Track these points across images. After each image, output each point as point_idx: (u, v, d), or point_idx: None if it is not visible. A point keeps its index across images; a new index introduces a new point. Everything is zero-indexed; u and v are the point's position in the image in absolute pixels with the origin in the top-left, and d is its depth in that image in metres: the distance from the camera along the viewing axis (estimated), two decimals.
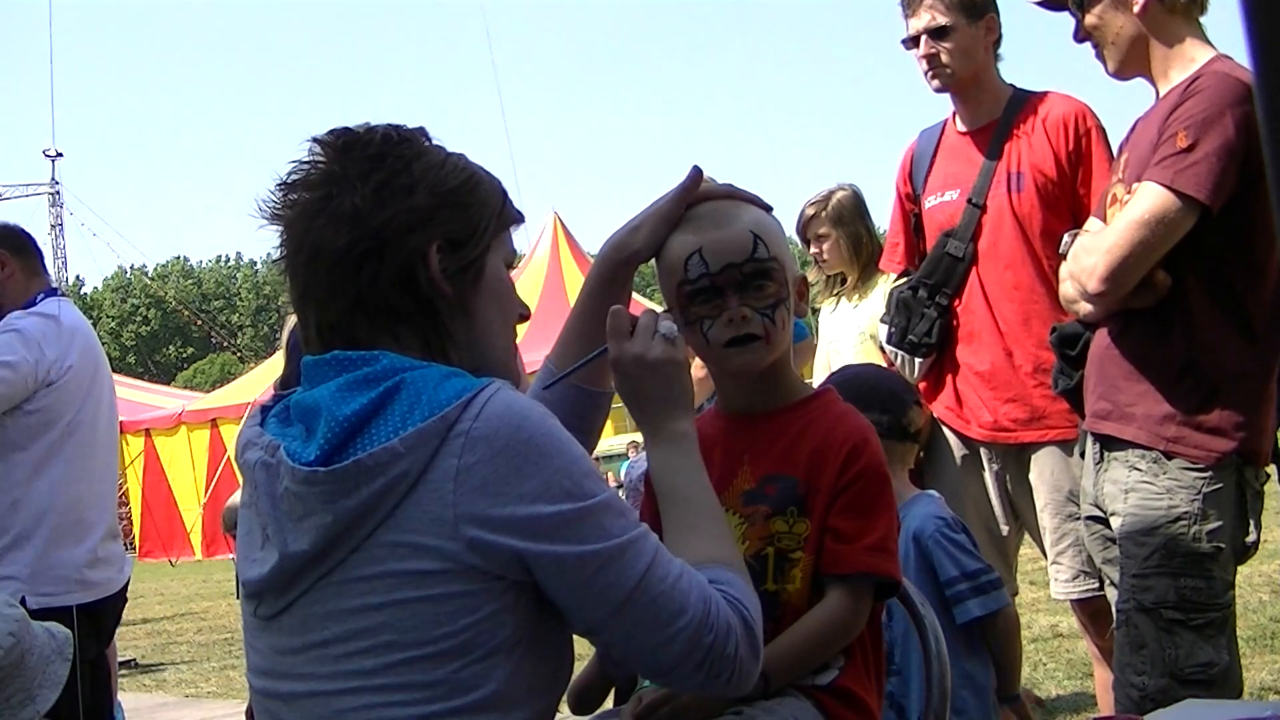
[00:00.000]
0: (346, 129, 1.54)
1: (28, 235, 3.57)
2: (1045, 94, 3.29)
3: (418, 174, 1.49)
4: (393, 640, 1.37)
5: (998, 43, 3.31)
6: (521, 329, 1.73)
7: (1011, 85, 3.34)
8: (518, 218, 1.62)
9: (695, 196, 1.81)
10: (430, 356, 1.48)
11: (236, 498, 4.32)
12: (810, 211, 4.32)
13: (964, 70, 3.26)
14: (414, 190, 1.47)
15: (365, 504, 1.37)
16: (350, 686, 1.38)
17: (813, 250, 4.35)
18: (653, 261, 1.86)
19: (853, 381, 2.81)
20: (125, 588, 3.52)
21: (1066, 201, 3.15)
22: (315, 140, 1.54)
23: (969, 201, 3.25)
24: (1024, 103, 3.27)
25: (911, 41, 3.29)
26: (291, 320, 3.70)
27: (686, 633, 1.39)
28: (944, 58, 3.25)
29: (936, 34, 3.24)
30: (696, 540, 1.52)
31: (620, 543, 1.40)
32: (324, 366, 1.47)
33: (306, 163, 1.52)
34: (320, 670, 1.40)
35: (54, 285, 3.55)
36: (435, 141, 1.56)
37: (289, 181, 1.52)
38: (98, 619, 3.26)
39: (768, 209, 1.84)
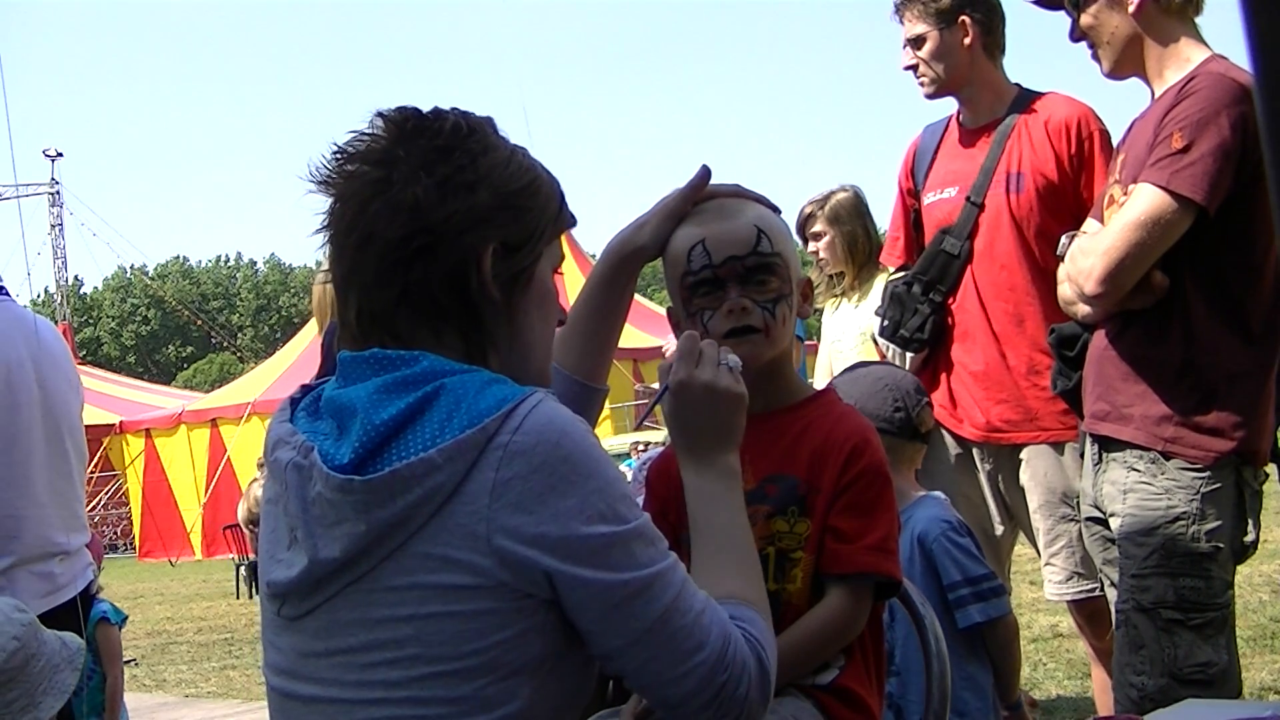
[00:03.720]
0: (416, 111, 1.47)
1: None
2: (1049, 95, 3.28)
3: (483, 171, 1.43)
4: (419, 654, 1.34)
5: (995, 41, 3.29)
6: None
7: (1017, 85, 3.33)
8: (571, 222, 1.57)
9: (702, 195, 1.82)
10: (470, 358, 1.43)
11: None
12: (808, 210, 4.39)
13: (945, 75, 3.27)
14: (476, 188, 1.42)
15: (399, 515, 1.33)
16: (374, 697, 1.35)
17: (811, 248, 4.39)
18: (657, 261, 1.87)
19: (866, 378, 2.81)
20: (64, 610, 3.15)
21: (1067, 205, 3.13)
22: (381, 115, 1.47)
23: (968, 199, 3.25)
24: (1028, 103, 3.26)
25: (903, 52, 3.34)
26: (316, 290, 3.59)
27: (702, 669, 1.36)
28: (922, 66, 3.28)
29: (914, 43, 3.29)
30: (727, 574, 1.49)
31: (649, 574, 1.36)
32: (362, 364, 1.42)
33: (368, 135, 1.46)
34: (344, 677, 1.37)
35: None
36: (501, 134, 1.50)
37: (346, 150, 1.46)
38: None
39: (775, 209, 1.85)
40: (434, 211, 1.40)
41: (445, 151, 1.43)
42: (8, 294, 3.27)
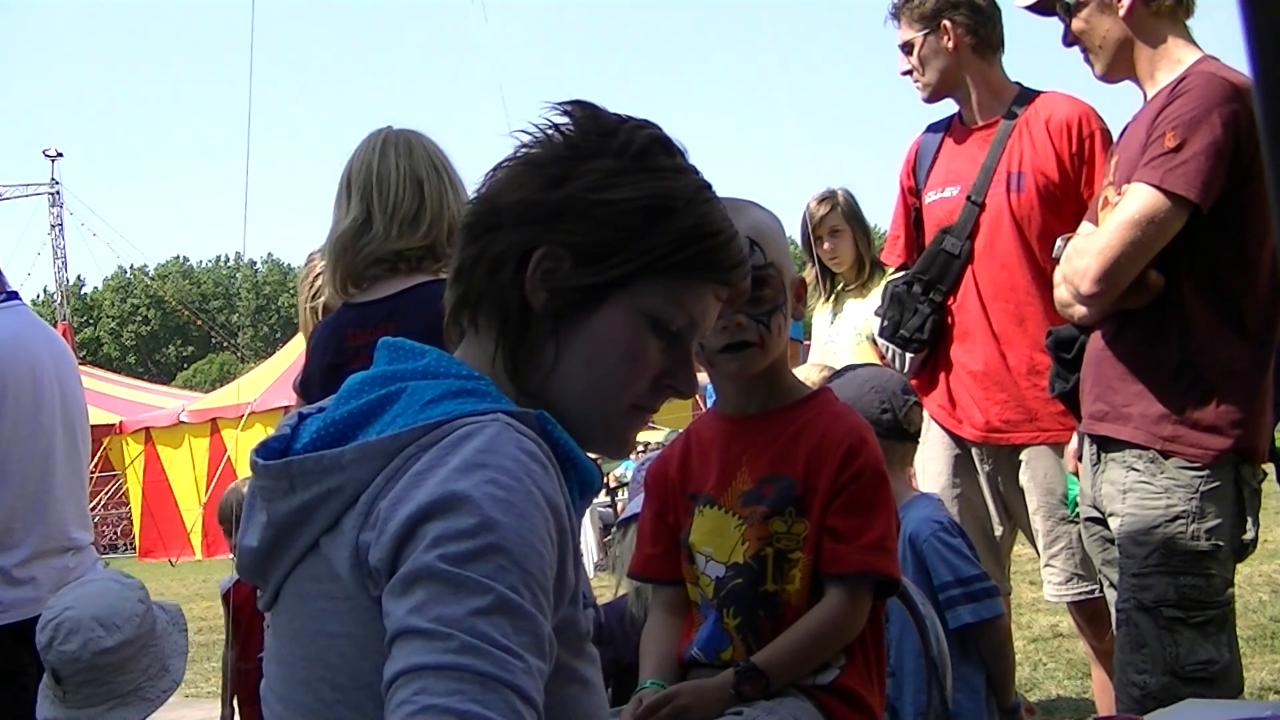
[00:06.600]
0: (602, 116, 1.33)
1: None
2: (1049, 94, 3.28)
3: (585, 170, 1.28)
4: (324, 676, 1.19)
5: (985, 42, 3.28)
6: None
7: (1018, 84, 3.33)
8: (713, 274, 1.31)
9: None
10: (499, 364, 1.29)
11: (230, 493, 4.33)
12: (823, 209, 4.29)
13: (935, 79, 3.29)
14: (564, 183, 1.28)
15: (299, 511, 1.21)
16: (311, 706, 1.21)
17: (826, 245, 4.31)
18: None
19: (853, 380, 2.81)
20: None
21: (1069, 204, 3.12)
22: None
23: (968, 199, 3.25)
24: (1028, 102, 3.26)
25: None
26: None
27: None
28: (914, 71, 3.31)
29: (905, 48, 3.32)
30: None
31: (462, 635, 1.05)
32: (382, 350, 1.33)
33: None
34: (294, 678, 1.24)
35: (9, 289, 3.24)
36: (673, 161, 1.32)
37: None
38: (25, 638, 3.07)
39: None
40: (508, 194, 1.30)
41: (566, 144, 1.31)
42: (20, 298, 3.31)
